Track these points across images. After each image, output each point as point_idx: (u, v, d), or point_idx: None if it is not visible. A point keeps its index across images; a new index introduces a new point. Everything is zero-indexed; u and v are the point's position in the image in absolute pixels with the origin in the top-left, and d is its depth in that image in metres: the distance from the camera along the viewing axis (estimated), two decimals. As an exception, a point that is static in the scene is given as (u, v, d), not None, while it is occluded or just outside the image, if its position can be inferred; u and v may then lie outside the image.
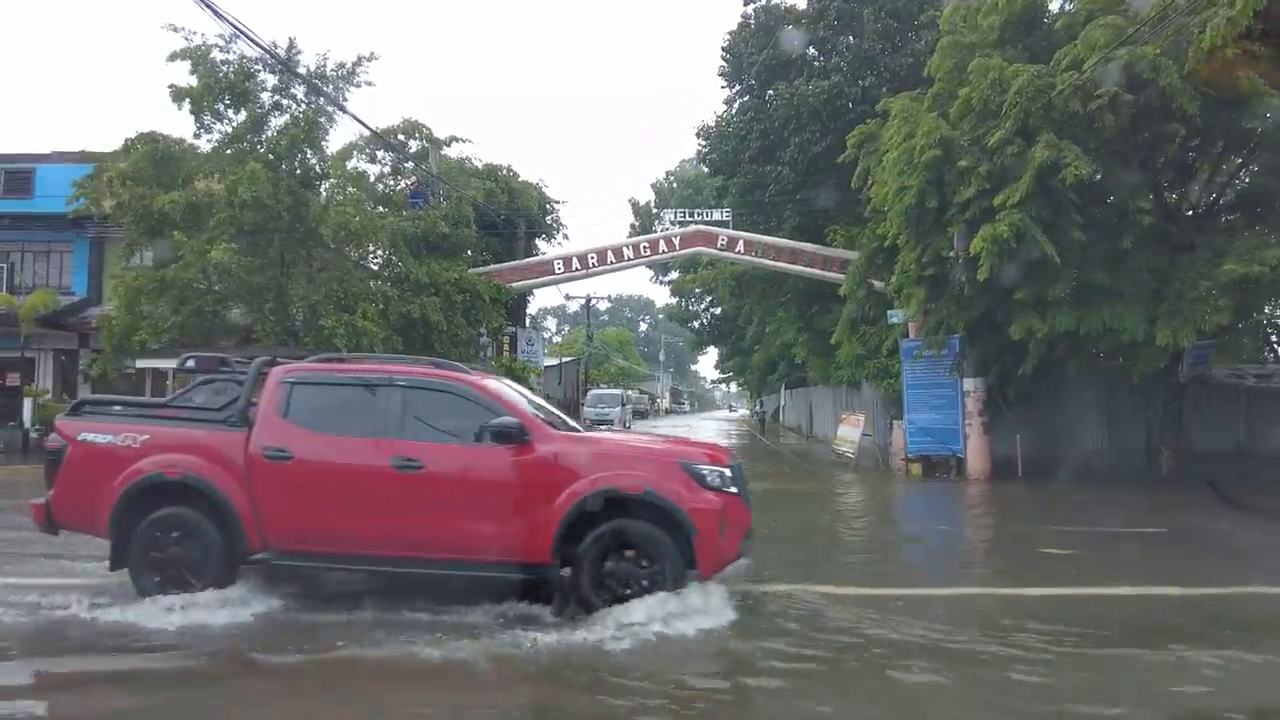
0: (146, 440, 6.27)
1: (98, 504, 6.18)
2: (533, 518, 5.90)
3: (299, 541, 6.18)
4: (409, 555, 6.11)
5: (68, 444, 6.39)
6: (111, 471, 6.18)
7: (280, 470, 6.11)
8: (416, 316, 17.47)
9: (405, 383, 6.39)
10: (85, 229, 25.12)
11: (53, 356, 25.63)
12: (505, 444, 6.00)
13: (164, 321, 17.11)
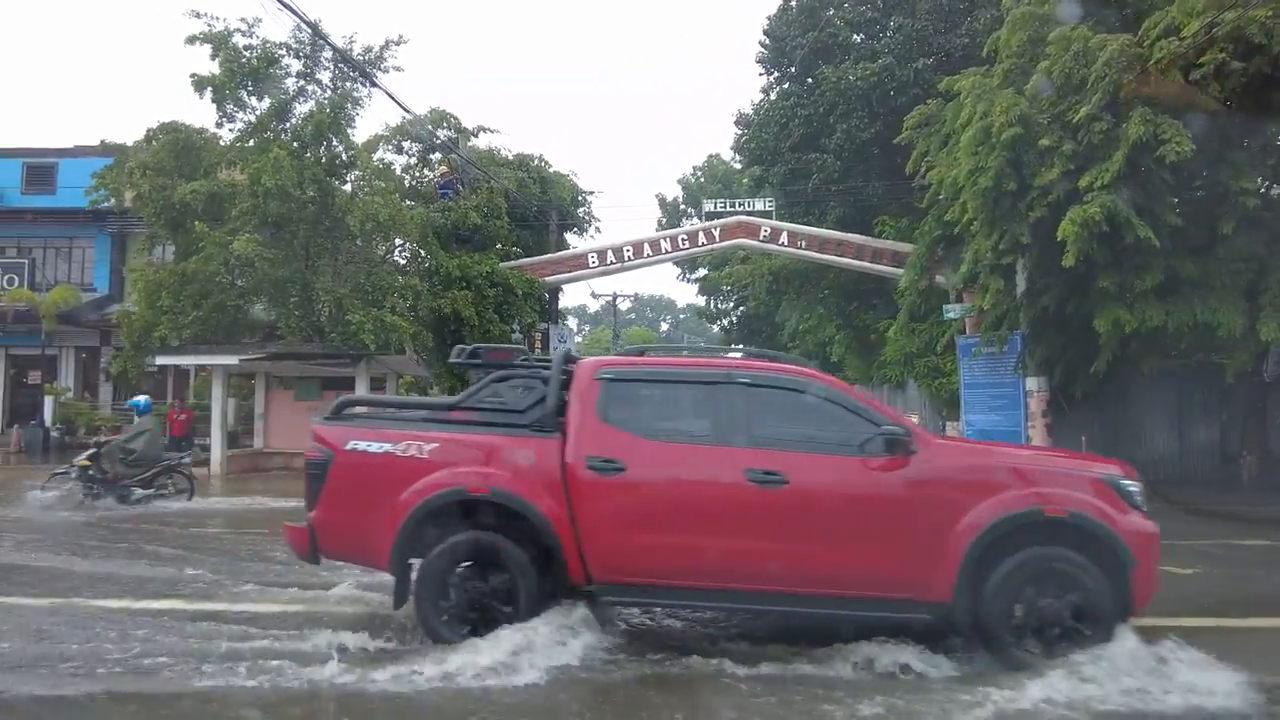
0: (435, 449, 5.18)
1: (375, 528, 5.11)
2: (925, 545, 4.85)
3: (630, 572, 5.06)
4: (770, 590, 5.00)
5: (333, 454, 5.26)
6: (393, 488, 5.11)
7: (609, 485, 5.05)
8: (447, 311, 16.66)
9: (749, 379, 5.33)
10: (106, 224, 24.61)
11: (74, 354, 25.13)
12: (888, 454, 4.96)
13: (185, 317, 16.40)
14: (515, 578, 4.97)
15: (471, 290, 17.13)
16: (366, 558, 5.50)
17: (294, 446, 18.45)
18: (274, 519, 11.08)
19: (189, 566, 7.90)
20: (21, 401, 25.26)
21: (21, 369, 25.51)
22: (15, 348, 25.23)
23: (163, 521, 11.03)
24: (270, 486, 15.05)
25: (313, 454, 5.36)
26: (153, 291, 16.73)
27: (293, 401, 18.46)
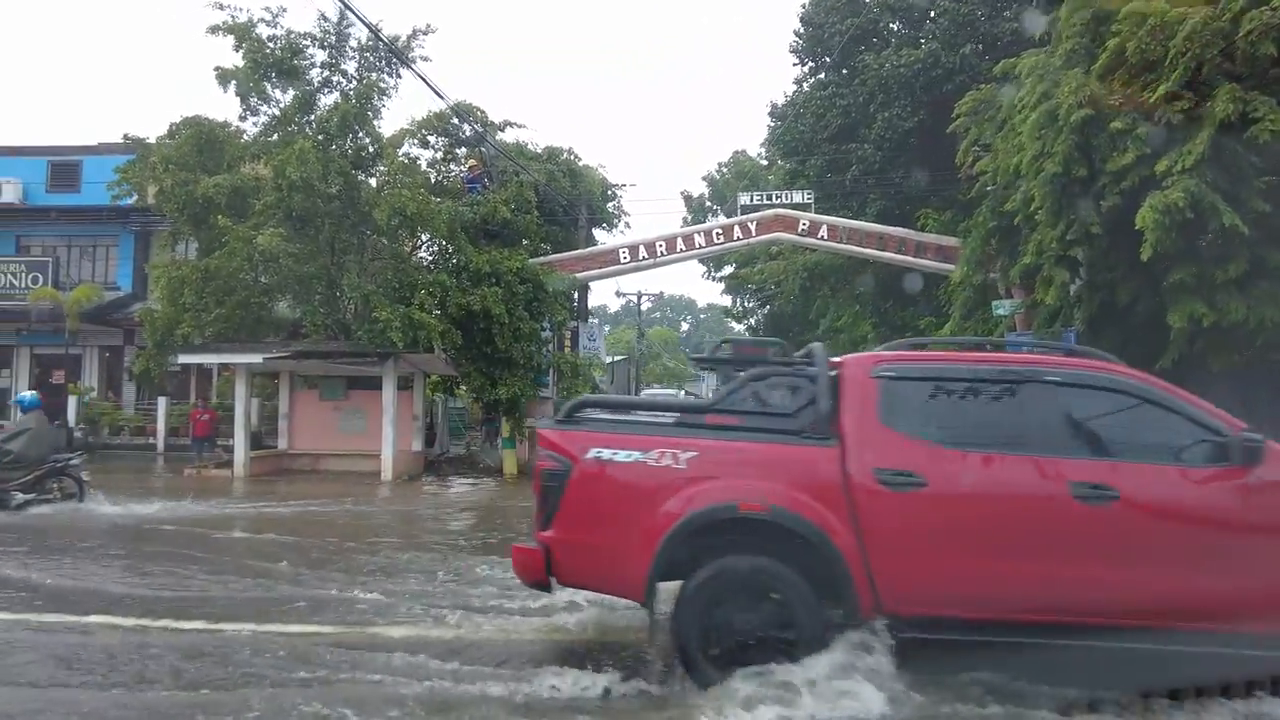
0: (694, 458, 4.49)
1: (625, 550, 4.43)
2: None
3: (931, 603, 4.33)
4: (1112, 623, 4.18)
5: (572, 464, 4.57)
6: (647, 503, 4.43)
7: (905, 502, 4.36)
8: (477, 309, 16.08)
9: (1059, 378, 4.68)
10: (130, 221, 24.32)
11: (98, 353, 24.87)
12: (1230, 463, 4.28)
13: (208, 314, 15.97)
14: (794, 609, 4.27)
15: (501, 287, 16.56)
16: (612, 584, 4.79)
17: (319, 447, 18.02)
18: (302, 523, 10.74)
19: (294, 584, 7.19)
20: (47, 401, 24.93)
21: (46, 369, 25.29)
22: (40, 347, 25.01)
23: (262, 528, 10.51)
24: (295, 490, 14.57)
25: (546, 464, 4.66)
26: (175, 288, 16.32)
27: (318, 401, 18.00)
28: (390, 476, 15.94)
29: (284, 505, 12.82)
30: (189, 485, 15.17)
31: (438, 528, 11.36)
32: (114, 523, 10.78)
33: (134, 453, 21.60)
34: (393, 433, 16.17)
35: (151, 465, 19.56)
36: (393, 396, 16.19)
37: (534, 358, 17.38)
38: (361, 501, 13.47)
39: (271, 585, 7.05)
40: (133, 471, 18.00)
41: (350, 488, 14.98)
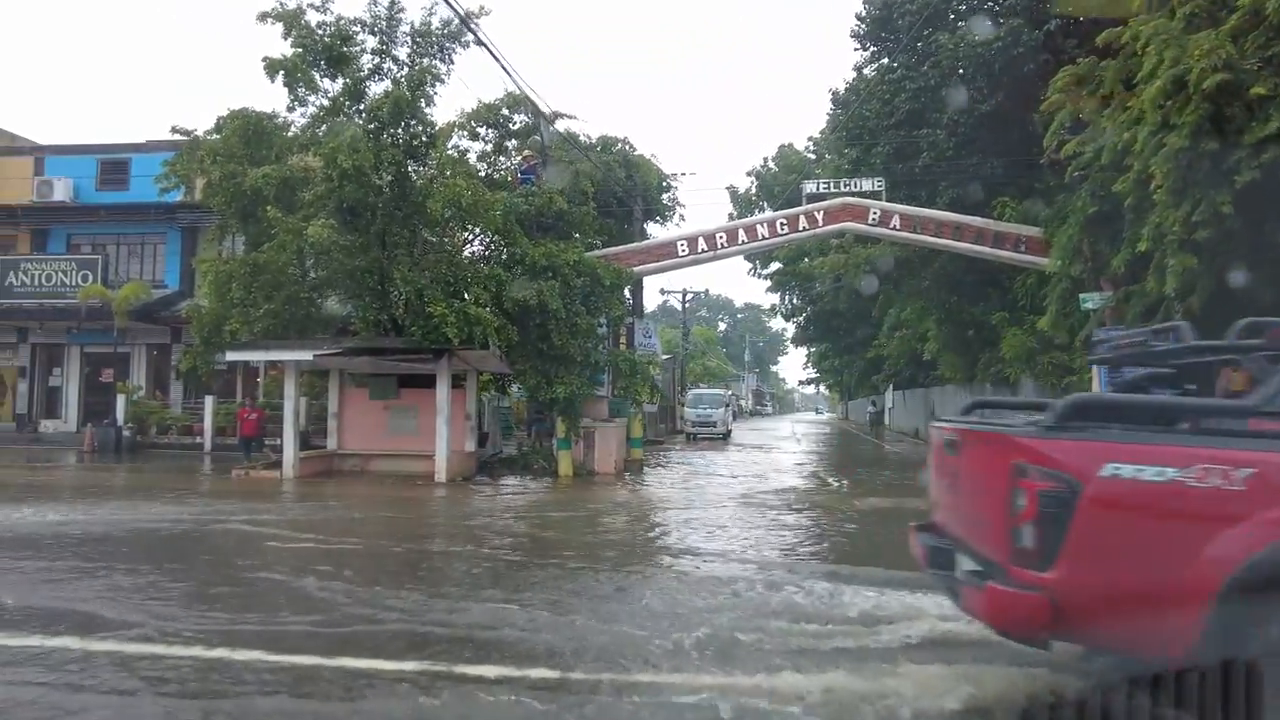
0: (1254, 477, 3.38)
1: (1163, 599, 3.43)
2: None
3: None
4: None
5: (1081, 485, 3.45)
6: (1190, 538, 3.39)
7: None
8: (533, 303, 15.35)
9: None
10: (177, 218, 24.11)
11: (145, 351, 24.68)
12: None
13: (256, 310, 15.45)
14: None
15: (558, 280, 15.82)
16: (1143, 643, 3.61)
17: (369, 447, 17.44)
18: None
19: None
20: (96, 400, 24.92)
21: (96, 367, 25.18)
22: (90, 345, 24.90)
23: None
24: (357, 493, 13.97)
25: (1041, 484, 3.49)
26: (223, 283, 15.83)
27: (367, 400, 17.40)
28: (444, 478, 15.27)
29: (360, 511, 12.23)
30: (242, 488, 14.65)
31: (572, 537, 10.14)
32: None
33: (181, 452, 21.29)
34: (447, 433, 15.50)
35: (198, 465, 19.15)
36: (447, 395, 15.52)
37: (591, 355, 16.62)
38: (445, 505, 12.90)
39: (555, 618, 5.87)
40: (179, 471, 17.59)
41: (412, 490, 14.37)
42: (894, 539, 7.14)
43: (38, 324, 23.66)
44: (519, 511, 12.59)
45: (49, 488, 14.32)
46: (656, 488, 15.14)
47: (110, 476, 16.31)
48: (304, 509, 12.18)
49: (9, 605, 6.03)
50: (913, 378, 36.23)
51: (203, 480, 15.90)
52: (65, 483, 15.38)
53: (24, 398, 24.86)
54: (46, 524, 9.96)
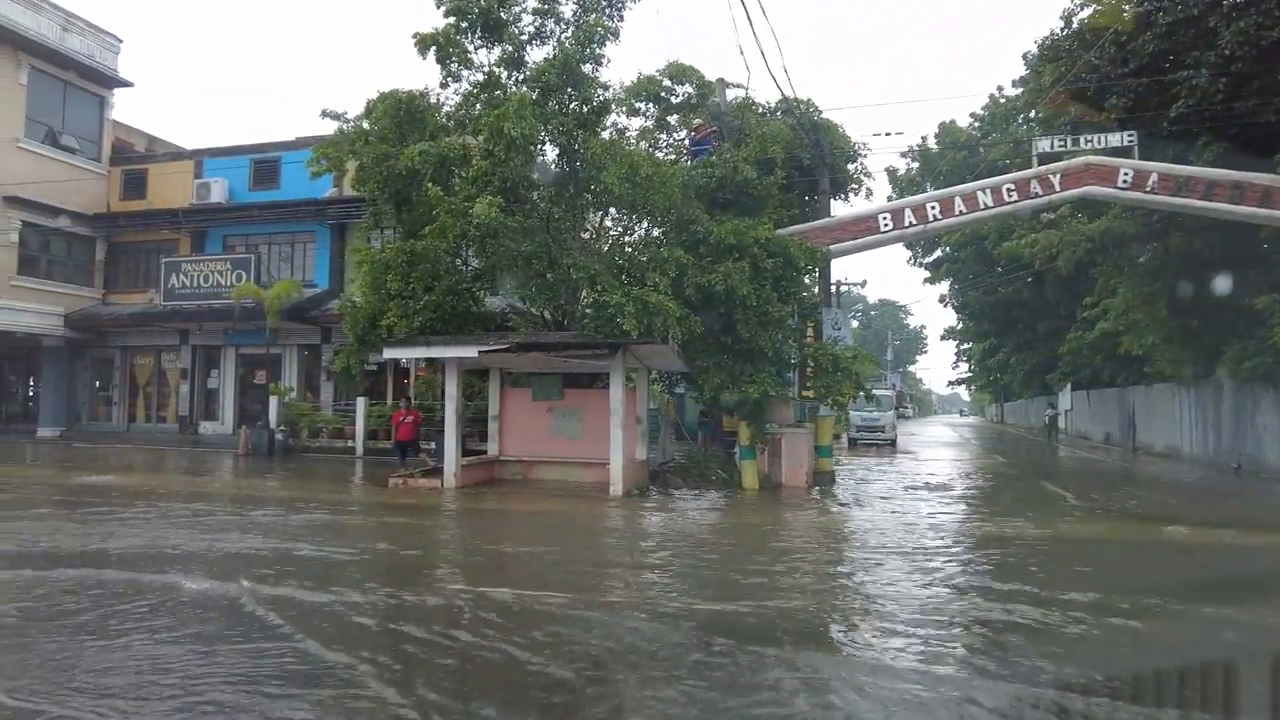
0: None
1: None
2: None
3: None
4: None
5: None
6: None
7: None
8: (719, 289, 13.21)
9: None
10: (327, 215, 23.50)
11: (297, 352, 24.23)
12: None
13: (415, 302, 14.02)
14: None
15: (746, 262, 13.59)
16: None
17: (531, 453, 15.79)
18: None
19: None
20: (250, 402, 24.72)
21: (250, 369, 25.00)
22: (245, 347, 24.72)
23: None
24: (516, 508, 12.24)
25: None
26: (378, 275, 14.51)
27: (530, 402, 15.76)
28: (620, 491, 13.35)
29: (546, 538, 10.44)
30: (402, 499, 13.22)
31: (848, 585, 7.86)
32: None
33: (332, 456, 20.46)
34: (623, 438, 13.58)
35: (350, 471, 18.11)
36: (622, 396, 13.60)
37: (782, 349, 14.30)
38: (639, 529, 10.91)
39: None
40: (333, 479, 16.48)
41: (590, 506, 12.52)
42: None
43: (197, 325, 23.58)
44: (733, 540, 10.38)
45: (211, 499, 13.30)
46: (873, 510, 12.65)
47: (264, 484, 15.32)
48: (477, 530, 10.48)
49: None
50: (1099, 375, 31.86)
51: (359, 489, 14.64)
52: (225, 490, 14.42)
53: (185, 399, 24.95)
54: (225, 553, 8.59)
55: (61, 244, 25.46)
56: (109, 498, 12.42)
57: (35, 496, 12.75)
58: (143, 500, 12.13)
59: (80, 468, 17.09)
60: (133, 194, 26.31)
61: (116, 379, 26.18)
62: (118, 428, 25.77)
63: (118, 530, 9.58)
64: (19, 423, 27.78)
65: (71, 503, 11.95)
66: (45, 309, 24.49)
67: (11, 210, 23.62)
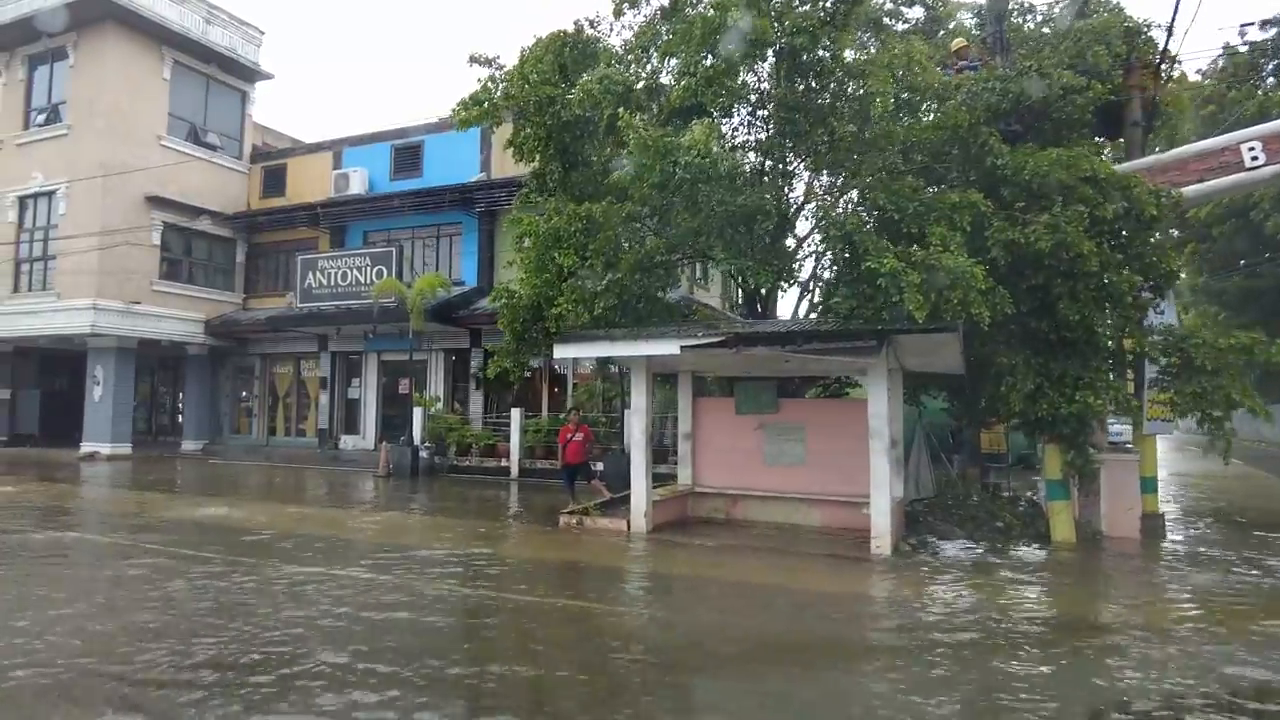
0: None
1: None
2: None
3: None
4: None
5: None
6: None
7: None
8: (1040, 247, 8.85)
9: None
10: (475, 201, 20.64)
11: (442, 359, 21.50)
12: None
13: (595, 282, 10.45)
14: None
15: (1068, 210, 9.14)
16: None
17: (738, 484, 11.86)
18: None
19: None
20: (393, 413, 22.22)
21: (393, 377, 22.53)
22: (387, 353, 22.27)
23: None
24: (745, 576, 8.24)
25: None
26: (544, 250, 11.05)
27: (732, 416, 11.89)
28: (889, 548, 9.23)
29: (839, 659, 6.46)
30: (583, 553, 9.62)
31: None
32: None
33: (484, 478, 17.33)
34: (888, 471, 9.44)
35: (507, 499, 14.84)
36: (885, 410, 9.46)
37: (1128, 338, 9.75)
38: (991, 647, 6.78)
39: None
40: (491, 514, 13.18)
41: (853, 575, 8.47)
42: None
43: (335, 329, 21.25)
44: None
45: (338, 551, 10.18)
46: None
47: (405, 523, 12.19)
48: (718, 629, 6.58)
49: None
50: None
51: (524, 532, 11.13)
52: (359, 534, 11.33)
53: (325, 411, 22.77)
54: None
55: (203, 246, 23.97)
56: (229, 543, 9.50)
57: (148, 544, 10.02)
58: (260, 553, 9.11)
59: (208, 491, 14.69)
60: (272, 191, 24.58)
61: (256, 389, 24.45)
62: (257, 441, 23.97)
63: (208, 613, 6.40)
64: (167, 435, 26.69)
65: (181, 552, 9.06)
66: (187, 315, 22.97)
67: (154, 211, 22.20)
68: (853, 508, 11.10)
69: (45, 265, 21.80)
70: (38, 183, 22.00)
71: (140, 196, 21.85)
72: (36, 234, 22.12)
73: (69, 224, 21.28)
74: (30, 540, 9.71)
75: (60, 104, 22.25)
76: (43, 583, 7.41)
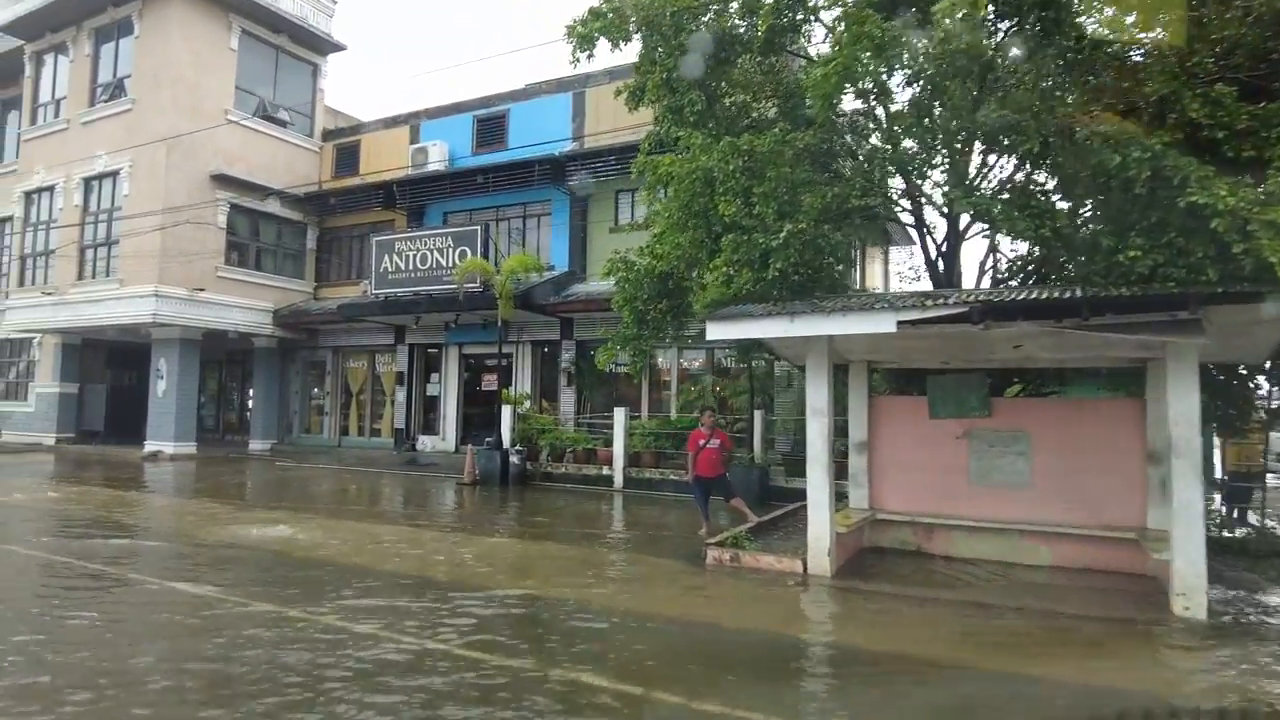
0: None
1: None
2: None
3: None
4: None
5: None
6: None
7: None
8: None
9: None
10: (568, 175, 18.26)
11: (530, 351, 19.20)
12: None
13: (762, 236, 7.81)
14: None
15: None
16: None
17: (935, 510, 9.08)
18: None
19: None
20: (475, 412, 20.05)
21: (475, 372, 20.35)
22: (469, 345, 20.10)
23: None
24: (995, 653, 5.36)
25: None
26: (691, 199, 8.44)
27: (924, 421, 9.11)
28: (1202, 610, 6.37)
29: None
30: (747, 599, 7.02)
31: None
32: None
33: (584, 489, 14.85)
34: (1198, 500, 6.56)
35: (616, 518, 12.35)
36: (1194, 411, 6.57)
37: None
38: None
39: None
40: (606, 541, 10.69)
41: (1192, 665, 5.63)
42: None
43: (413, 318, 19.12)
44: None
45: (437, 596, 7.80)
46: None
47: (511, 546, 9.81)
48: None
49: None
50: None
51: (665, 571, 8.50)
52: (462, 567, 8.97)
53: (401, 409, 20.73)
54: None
55: (271, 229, 22.22)
56: (296, 581, 7.22)
57: (204, 583, 7.85)
58: (335, 602, 6.77)
59: (276, 501, 12.61)
60: (345, 170, 22.70)
61: (328, 385, 22.60)
62: (328, 442, 22.10)
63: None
64: (234, 434, 25.13)
65: (230, 604, 6.79)
66: (255, 304, 21.23)
67: (219, 191, 20.48)
68: (1097, 544, 8.28)
69: (109, 251, 20.30)
70: (102, 163, 20.52)
71: (205, 175, 20.15)
72: (100, 217, 20.65)
73: (132, 206, 19.70)
74: (58, 567, 7.61)
75: (125, 78, 20.74)
76: (60, 643, 5.16)
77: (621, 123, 17.05)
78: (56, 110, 22.31)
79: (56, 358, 22.87)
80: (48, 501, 12.25)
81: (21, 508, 11.40)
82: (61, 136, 21.68)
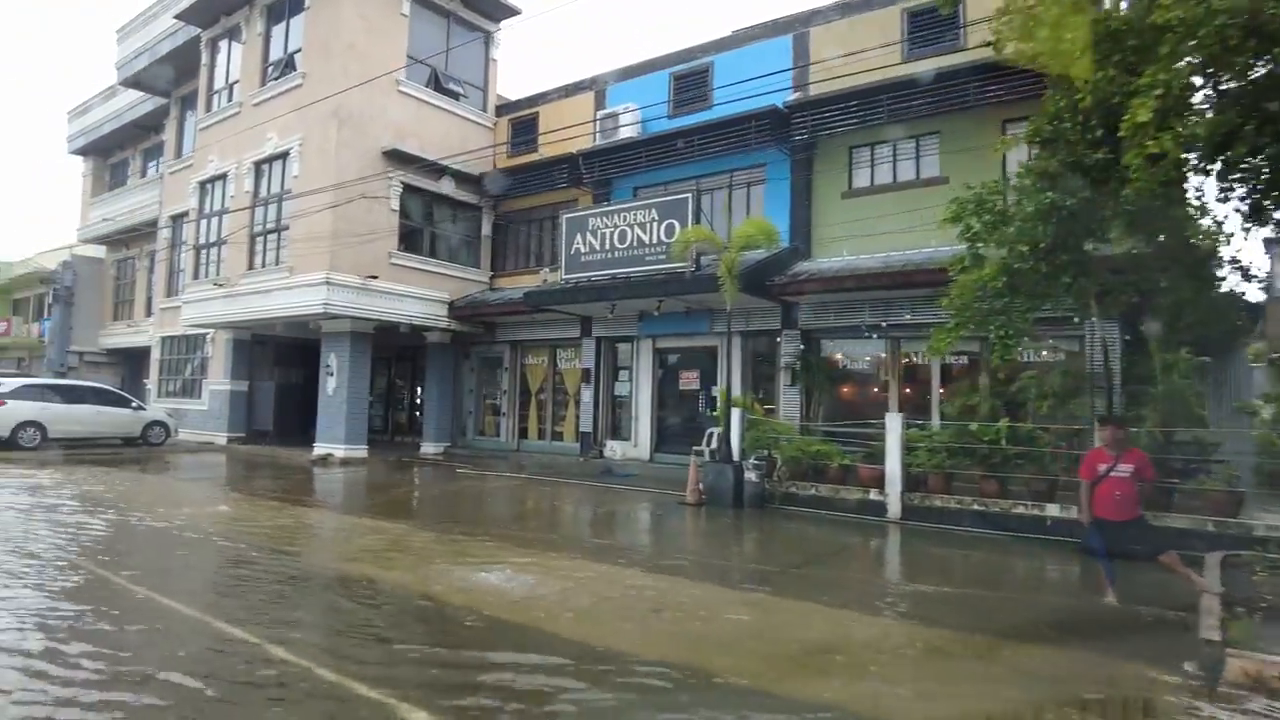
0: None
1: None
2: None
3: None
4: None
5: None
6: None
7: None
8: None
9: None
10: (788, 135, 15.10)
11: (740, 343, 16.12)
12: None
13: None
14: None
15: None
16: None
17: None
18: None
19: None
20: (671, 415, 17.24)
21: (672, 368, 17.51)
22: (663, 338, 17.31)
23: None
24: None
25: None
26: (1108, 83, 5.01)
27: None
28: None
29: None
30: None
31: None
32: None
33: (844, 516, 11.52)
34: None
35: (927, 563, 9.09)
36: None
37: None
38: None
39: None
40: (975, 620, 7.43)
41: None
42: None
43: (610, 306, 16.45)
44: None
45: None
46: None
47: (804, 620, 6.75)
48: None
49: None
50: None
51: (1148, 692, 5.13)
52: (749, 654, 6.00)
53: (588, 410, 18.17)
54: None
55: (445, 213, 20.27)
56: (535, 693, 4.43)
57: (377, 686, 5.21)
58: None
59: (464, 521, 10.09)
60: (521, 147, 20.44)
61: (504, 383, 20.40)
62: (505, 445, 19.89)
63: None
64: (405, 435, 23.51)
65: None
66: (429, 294, 19.26)
67: (391, 169, 18.64)
68: None
69: (279, 239, 18.84)
70: (272, 144, 19.11)
71: (376, 151, 18.31)
72: (270, 202, 19.26)
73: (302, 186, 18.10)
74: (231, 649, 5.12)
75: (295, 53, 19.26)
76: None
77: (857, 65, 13.86)
78: (229, 95, 21.28)
79: (228, 354, 21.87)
80: (218, 521, 10.21)
81: (187, 528, 9.32)
82: (233, 122, 20.55)
